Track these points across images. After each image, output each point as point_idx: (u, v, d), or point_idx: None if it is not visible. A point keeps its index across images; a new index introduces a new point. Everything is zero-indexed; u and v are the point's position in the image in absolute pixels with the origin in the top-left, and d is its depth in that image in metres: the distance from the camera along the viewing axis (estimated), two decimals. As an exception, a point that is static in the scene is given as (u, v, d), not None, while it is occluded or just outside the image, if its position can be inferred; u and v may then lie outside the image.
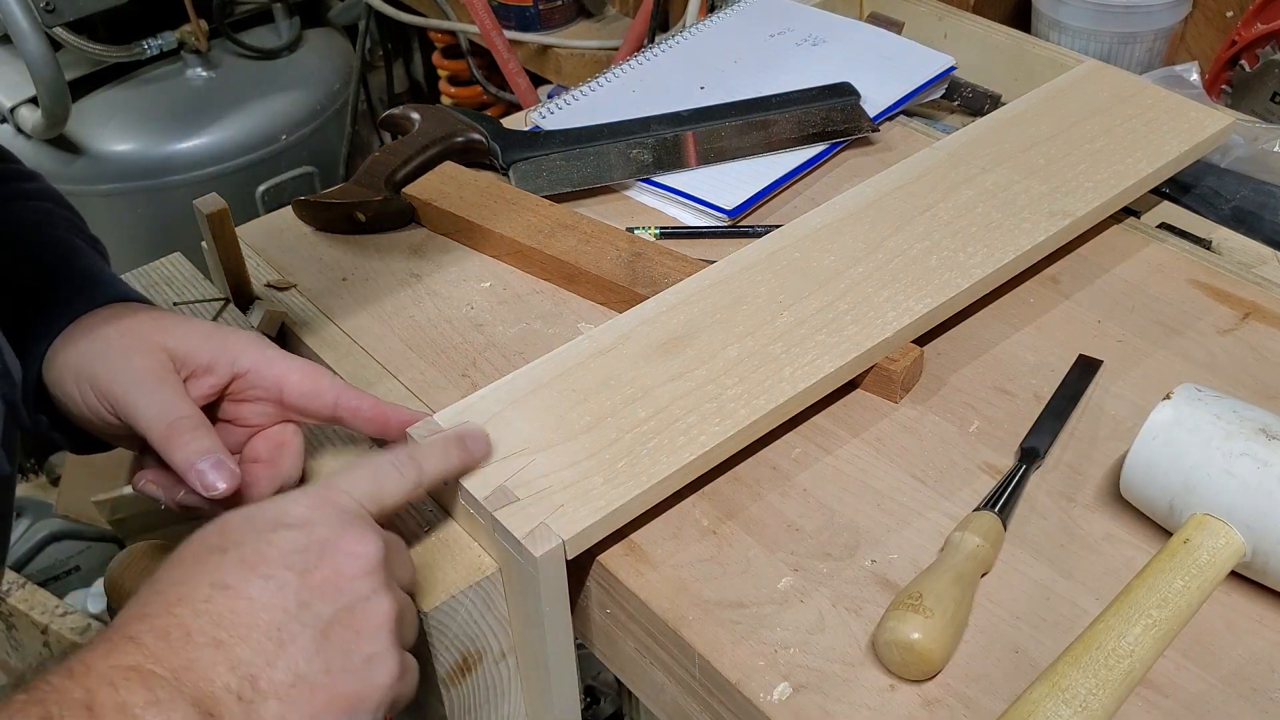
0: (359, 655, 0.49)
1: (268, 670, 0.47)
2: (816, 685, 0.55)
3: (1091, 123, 0.86)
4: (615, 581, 0.61)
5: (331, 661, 0.48)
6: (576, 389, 0.66)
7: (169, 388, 0.60)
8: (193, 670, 0.45)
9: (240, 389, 0.63)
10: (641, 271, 0.78)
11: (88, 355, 0.61)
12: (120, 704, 0.43)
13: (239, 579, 0.48)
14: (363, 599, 0.50)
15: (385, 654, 0.50)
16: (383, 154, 0.89)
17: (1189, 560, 0.56)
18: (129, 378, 0.60)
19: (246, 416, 0.64)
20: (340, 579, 0.50)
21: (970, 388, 0.72)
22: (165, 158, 1.74)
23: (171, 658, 0.45)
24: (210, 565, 0.49)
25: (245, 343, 0.63)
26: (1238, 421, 0.59)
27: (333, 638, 0.49)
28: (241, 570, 0.48)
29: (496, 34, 1.45)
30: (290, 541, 0.50)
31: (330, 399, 0.62)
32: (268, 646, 0.47)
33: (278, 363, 0.63)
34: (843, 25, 1.07)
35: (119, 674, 0.44)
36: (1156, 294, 0.78)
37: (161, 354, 0.61)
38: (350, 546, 0.51)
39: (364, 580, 0.50)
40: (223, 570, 0.48)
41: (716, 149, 0.92)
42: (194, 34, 1.78)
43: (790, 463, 0.67)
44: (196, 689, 0.45)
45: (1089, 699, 0.51)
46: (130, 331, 0.62)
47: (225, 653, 0.46)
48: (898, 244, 0.75)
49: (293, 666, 0.47)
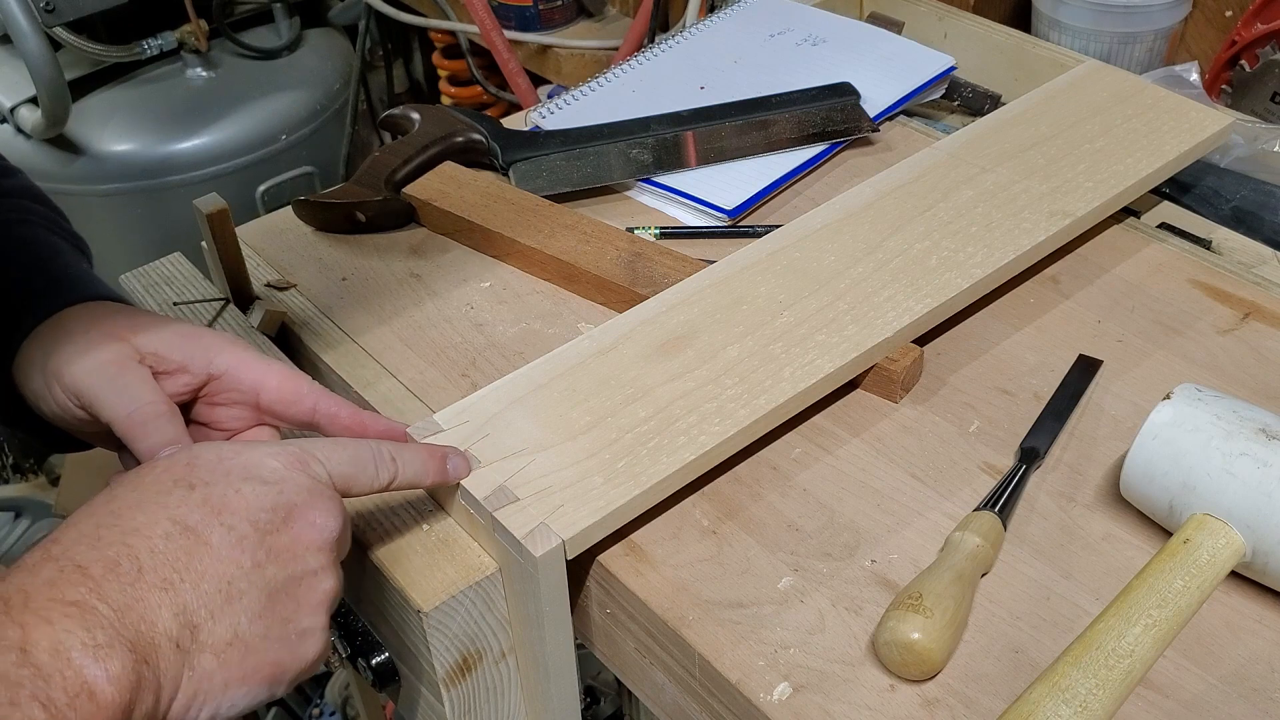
0: (295, 627, 0.49)
1: (209, 623, 0.46)
2: (816, 685, 0.55)
3: (1091, 123, 0.86)
4: (615, 581, 0.61)
5: (270, 628, 0.48)
6: (576, 389, 0.66)
7: (131, 376, 0.59)
8: (135, 610, 0.45)
9: (216, 391, 0.62)
10: (641, 271, 0.78)
11: (53, 351, 0.60)
12: (56, 644, 0.42)
13: (201, 522, 0.48)
14: (312, 572, 0.50)
15: (319, 632, 0.50)
16: (383, 154, 0.89)
17: (1189, 560, 0.56)
18: (92, 369, 0.59)
19: (222, 420, 0.63)
20: (298, 547, 0.50)
21: (970, 388, 0.72)
22: (165, 158, 1.74)
23: (118, 594, 0.44)
24: (174, 499, 0.48)
25: (222, 344, 0.62)
26: (1238, 421, 0.59)
27: (277, 604, 0.49)
28: (205, 513, 0.48)
29: (496, 34, 1.45)
30: (259, 497, 0.49)
31: (309, 404, 0.61)
32: (215, 599, 0.47)
33: (255, 365, 0.62)
34: (843, 25, 1.07)
35: (58, 609, 0.43)
36: (1156, 294, 0.78)
37: (126, 346, 0.60)
38: (314, 517, 0.50)
39: (319, 554, 0.50)
40: (186, 508, 0.48)
41: (716, 149, 0.92)
42: (194, 34, 1.78)
43: (790, 463, 0.67)
44: (137, 632, 0.44)
45: (1089, 699, 0.51)
46: (98, 327, 0.61)
47: (172, 596, 0.46)
48: (898, 244, 0.75)
49: (234, 624, 0.47)
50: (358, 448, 0.55)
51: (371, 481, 0.55)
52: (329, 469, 0.53)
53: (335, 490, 0.53)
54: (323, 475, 0.52)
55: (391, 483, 0.56)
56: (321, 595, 0.51)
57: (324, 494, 0.51)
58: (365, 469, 0.54)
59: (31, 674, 0.41)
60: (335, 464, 0.53)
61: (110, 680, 0.42)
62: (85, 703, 0.42)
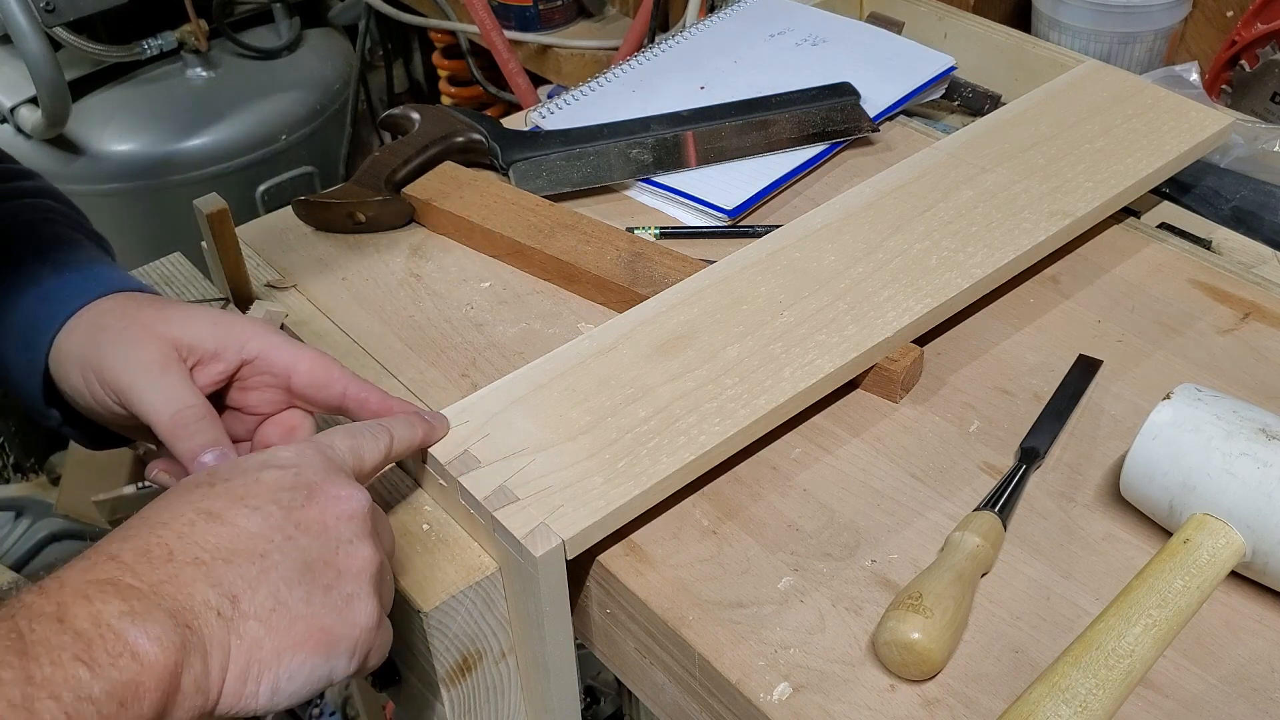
0: (340, 593, 0.49)
1: (249, 592, 0.46)
2: (816, 685, 0.55)
3: (1091, 123, 0.86)
4: (615, 581, 0.61)
5: (313, 594, 0.48)
6: (576, 389, 0.66)
7: (173, 376, 0.60)
8: (172, 584, 0.45)
9: (248, 375, 0.63)
10: (641, 271, 0.78)
11: (91, 346, 0.61)
12: (94, 614, 0.42)
13: (226, 507, 0.48)
14: (346, 541, 0.50)
15: (365, 596, 0.50)
16: (383, 154, 0.89)
17: (1189, 560, 0.56)
18: (133, 367, 0.60)
19: (254, 404, 0.64)
20: (326, 518, 0.50)
21: (970, 388, 0.72)
22: (165, 158, 1.74)
23: (150, 573, 0.45)
24: (197, 495, 0.49)
25: (254, 330, 0.63)
26: (1238, 421, 0.59)
27: (315, 572, 0.49)
28: (229, 500, 0.49)
29: (496, 34, 1.45)
30: (278, 480, 0.50)
31: (339, 389, 0.62)
32: (250, 570, 0.47)
33: (286, 350, 0.63)
34: (843, 25, 1.07)
35: (94, 587, 0.43)
36: (1156, 294, 0.78)
37: (165, 343, 0.61)
38: (336, 490, 0.51)
39: (349, 524, 0.51)
40: (209, 500, 0.48)
41: (716, 149, 0.92)
42: (194, 34, 1.78)
43: (790, 463, 0.67)
44: (175, 601, 0.44)
45: (1089, 699, 0.51)
46: (134, 321, 0.61)
47: (207, 571, 0.46)
48: (898, 244, 0.75)
49: (274, 592, 0.47)
50: (352, 428, 0.57)
51: (375, 448, 0.56)
52: (336, 451, 0.54)
53: (349, 467, 0.54)
54: (335, 456, 0.54)
55: (390, 446, 0.57)
56: (362, 562, 0.50)
57: (341, 472, 0.53)
58: (364, 439, 0.56)
59: (72, 639, 0.41)
60: (339, 442, 0.55)
61: (151, 640, 0.42)
62: (129, 662, 0.42)
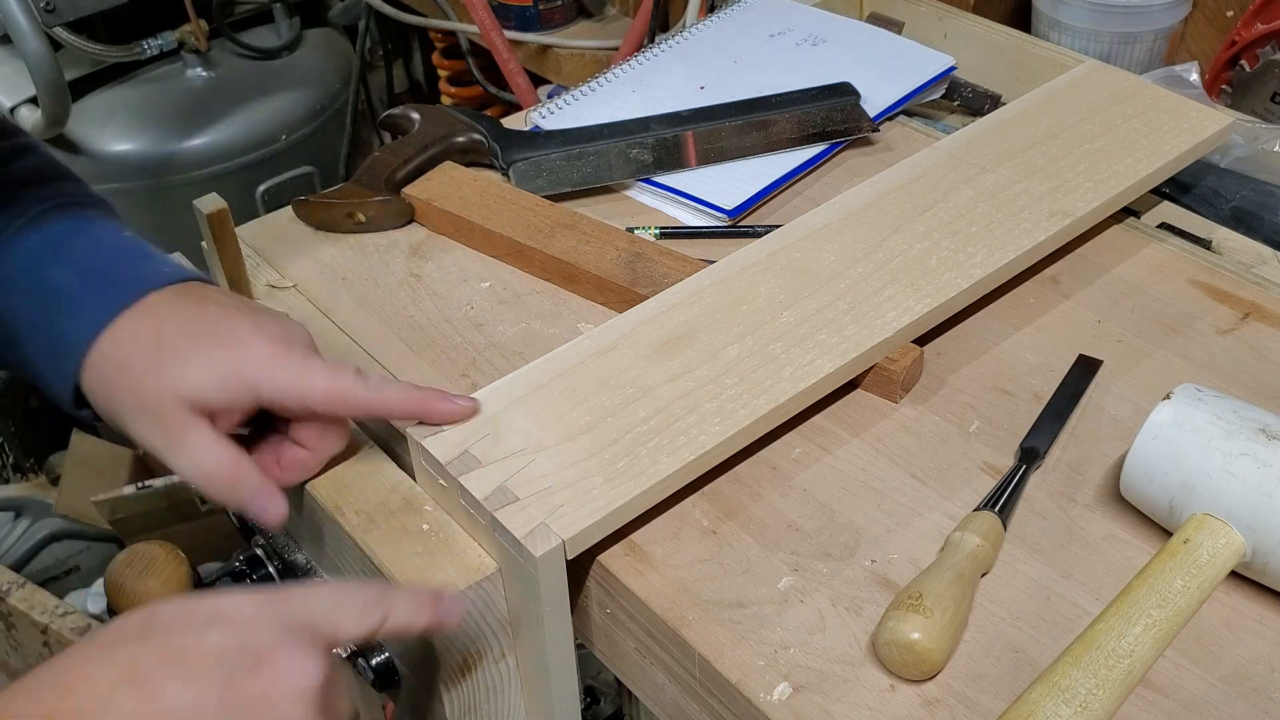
0: None
1: None
2: (816, 685, 0.55)
3: (1091, 123, 0.86)
4: (615, 581, 0.61)
5: None
6: (576, 389, 0.66)
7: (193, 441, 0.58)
8: None
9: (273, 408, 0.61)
10: (641, 271, 0.78)
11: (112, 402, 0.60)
12: None
13: (155, 671, 0.43)
14: None
15: None
16: (383, 154, 0.89)
17: (1189, 560, 0.56)
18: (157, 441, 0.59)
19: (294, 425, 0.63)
20: (271, 694, 0.44)
21: (970, 388, 0.72)
22: (165, 158, 1.74)
23: None
24: (128, 651, 0.43)
25: (260, 371, 0.59)
26: (1238, 421, 0.59)
27: None
28: (160, 661, 0.43)
29: (496, 34, 1.45)
30: (224, 641, 0.44)
31: (357, 402, 0.60)
32: None
33: (294, 383, 0.59)
34: (843, 25, 1.07)
35: None
36: (1156, 294, 0.78)
37: (178, 403, 0.58)
38: (289, 662, 0.45)
39: (296, 704, 0.45)
40: (140, 659, 0.43)
41: (716, 149, 0.92)
42: (194, 34, 1.78)
43: (790, 463, 0.67)
44: None
45: (1089, 699, 0.51)
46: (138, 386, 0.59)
47: None
48: (898, 244, 0.75)
49: None
50: (342, 591, 0.50)
51: (356, 626, 0.49)
52: (309, 611, 0.48)
53: (318, 635, 0.48)
54: (300, 619, 0.47)
55: (379, 628, 0.50)
56: None
57: (300, 639, 0.46)
58: (348, 612, 0.49)
59: None
60: (314, 606, 0.48)
61: None
62: None
